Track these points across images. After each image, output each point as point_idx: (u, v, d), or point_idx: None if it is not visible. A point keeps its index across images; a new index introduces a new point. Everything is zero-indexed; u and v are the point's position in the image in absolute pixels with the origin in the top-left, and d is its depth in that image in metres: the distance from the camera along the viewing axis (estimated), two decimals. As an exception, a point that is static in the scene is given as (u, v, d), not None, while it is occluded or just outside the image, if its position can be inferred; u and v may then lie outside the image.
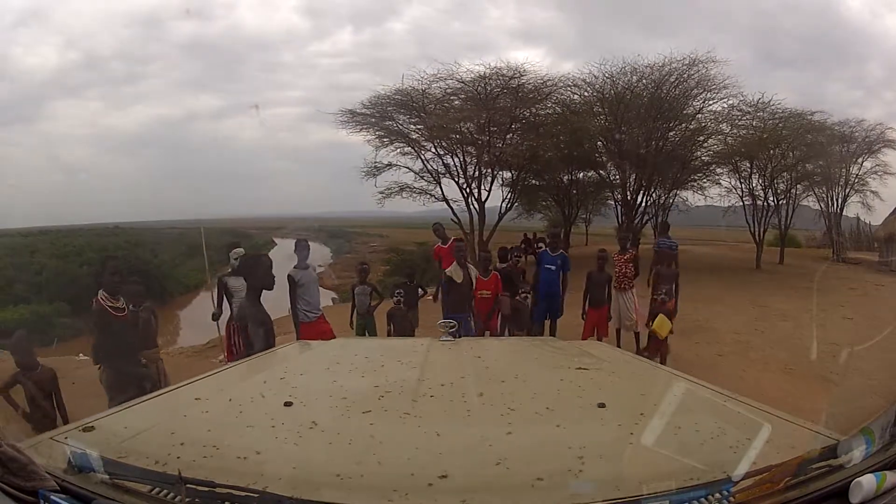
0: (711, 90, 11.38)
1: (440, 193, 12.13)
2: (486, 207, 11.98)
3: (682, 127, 12.03)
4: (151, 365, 4.26)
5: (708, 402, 1.47)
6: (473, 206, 11.90)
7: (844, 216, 13.55)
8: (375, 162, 12.03)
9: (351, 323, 6.30)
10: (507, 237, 11.53)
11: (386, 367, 1.90)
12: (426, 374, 1.72)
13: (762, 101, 11.49)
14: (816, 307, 8.19)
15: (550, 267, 6.17)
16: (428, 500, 0.97)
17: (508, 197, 12.79)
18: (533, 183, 13.60)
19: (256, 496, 0.91)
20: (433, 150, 11.99)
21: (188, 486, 0.92)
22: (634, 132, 11.74)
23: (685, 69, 11.20)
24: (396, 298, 6.14)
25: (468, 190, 11.91)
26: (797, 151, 12.23)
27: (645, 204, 12.61)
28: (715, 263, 13.27)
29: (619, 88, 11.60)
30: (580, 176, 13.95)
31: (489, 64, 11.10)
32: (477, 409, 1.42)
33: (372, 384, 1.60)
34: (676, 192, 13.13)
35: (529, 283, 6.31)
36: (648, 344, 5.76)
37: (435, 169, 12.09)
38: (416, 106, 11.55)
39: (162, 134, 18.72)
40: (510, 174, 12.62)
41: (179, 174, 19.95)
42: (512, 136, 11.87)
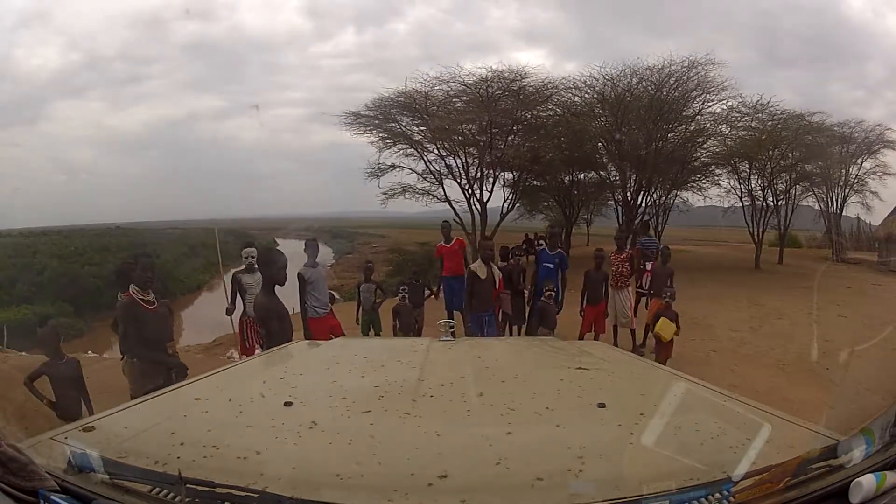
0: (710, 92, 11.44)
1: (443, 194, 12.22)
2: (488, 208, 12.04)
3: (681, 128, 12.07)
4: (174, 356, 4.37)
5: (708, 402, 1.47)
6: (475, 206, 11.97)
7: (844, 216, 13.58)
8: (379, 163, 12.13)
9: (357, 319, 6.42)
10: (508, 237, 11.54)
11: (386, 367, 1.90)
12: (426, 374, 1.71)
13: (761, 102, 11.56)
14: (812, 305, 8.20)
15: (549, 265, 6.31)
16: (428, 499, 0.97)
17: (510, 198, 12.89)
18: (534, 184, 13.65)
19: (256, 496, 0.91)
20: (436, 151, 12.08)
21: (188, 486, 0.92)
22: (634, 134, 11.76)
23: (684, 71, 11.24)
24: (402, 295, 6.33)
25: (470, 191, 11.97)
26: (796, 152, 12.24)
27: (645, 205, 12.65)
28: (715, 263, 13.30)
29: (619, 90, 11.64)
30: (581, 177, 14.01)
31: (491, 66, 11.21)
32: (477, 408, 1.42)
33: (372, 384, 1.59)
34: (676, 192, 13.22)
35: (530, 281, 6.44)
36: (657, 349, 5.87)
37: (437, 170, 12.19)
38: (419, 108, 11.62)
39: (164, 135, 18.79)
40: (512, 175, 12.72)
41: (181, 175, 20.01)
42: (513, 137, 11.92)
